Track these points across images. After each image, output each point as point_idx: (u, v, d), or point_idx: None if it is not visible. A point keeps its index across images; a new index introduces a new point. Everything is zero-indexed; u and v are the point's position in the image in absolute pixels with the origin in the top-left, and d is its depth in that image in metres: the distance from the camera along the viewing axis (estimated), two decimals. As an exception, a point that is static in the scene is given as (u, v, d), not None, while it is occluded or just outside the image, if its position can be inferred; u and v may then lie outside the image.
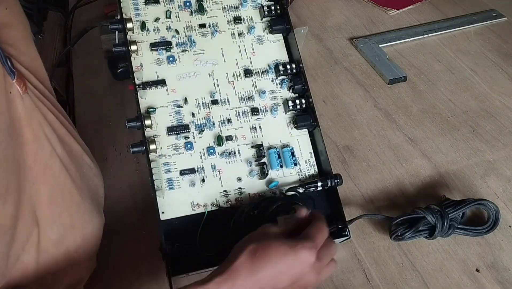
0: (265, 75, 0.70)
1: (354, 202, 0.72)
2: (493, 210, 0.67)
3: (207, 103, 0.67)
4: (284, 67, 0.69)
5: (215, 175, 0.64)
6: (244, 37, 0.71)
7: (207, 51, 0.69)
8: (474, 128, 0.83)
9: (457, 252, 0.66)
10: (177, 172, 0.63)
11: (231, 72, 0.69)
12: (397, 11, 1.11)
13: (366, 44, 1.01)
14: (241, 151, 0.66)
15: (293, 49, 0.72)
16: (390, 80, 0.92)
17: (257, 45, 0.71)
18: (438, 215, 0.65)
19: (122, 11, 0.68)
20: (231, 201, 0.63)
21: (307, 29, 1.06)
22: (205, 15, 0.71)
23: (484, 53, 0.99)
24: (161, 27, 0.69)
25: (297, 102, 0.68)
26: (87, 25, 1.05)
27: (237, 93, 0.68)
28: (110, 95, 0.92)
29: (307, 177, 0.66)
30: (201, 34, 0.70)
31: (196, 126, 0.65)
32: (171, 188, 0.62)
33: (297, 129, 0.68)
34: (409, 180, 0.75)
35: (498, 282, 0.62)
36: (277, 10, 0.72)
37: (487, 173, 0.76)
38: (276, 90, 0.69)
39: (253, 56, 0.70)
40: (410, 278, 0.63)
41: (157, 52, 0.68)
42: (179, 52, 0.68)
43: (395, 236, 0.66)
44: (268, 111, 0.68)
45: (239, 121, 0.67)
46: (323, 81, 0.94)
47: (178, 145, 0.64)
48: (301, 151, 0.67)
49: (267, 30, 0.72)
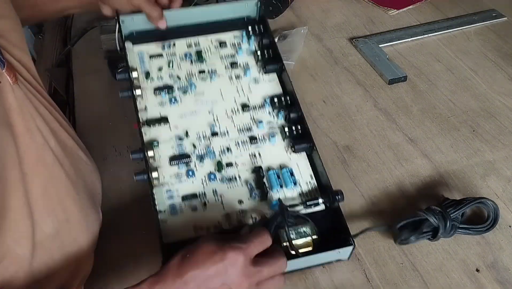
0: (262, 109, 0.74)
1: (354, 202, 0.72)
2: (492, 207, 0.67)
3: (207, 136, 0.71)
4: (279, 100, 0.73)
5: (217, 199, 0.65)
6: (241, 79, 0.77)
7: (206, 93, 0.75)
8: (474, 128, 0.83)
9: (457, 252, 0.66)
10: (179, 198, 0.65)
11: (230, 108, 0.74)
12: (397, 11, 1.11)
13: (366, 44, 1.01)
14: (241, 175, 0.68)
15: (286, 83, 0.76)
16: (390, 80, 0.92)
17: (253, 85, 0.77)
18: (440, 216, 0.64)
19: (129, 63, 0.74)
20: (233, 223, 0.63)
21: (307, 29, 1.06)
22: (204, 64, 0.78)
23: (484, 53, 0.99)
24: (164, 76, 0.76)
25: (293, 129, 0.70)
26: (87, 25, 1.05)
27: (236, 125, 0.72)
28: (110, 95, 0.92)
29: (308, 195, 0.66)
30: (201, 78, 0.76)
31: (197, 156, 0.69)
32: (174, 213, 0.64)
33: (295, 153, 0.70)
34: (409, 180, 0.75)
35: (498, 282, 0.62)
36: (270, 54, 0.78)
37: (487, 173, 0.76)
38: (273, 120, 0.73)
39: (250, 94, 0.75)
40: (410, 278, 0.63)
41: (160, 95, 0.73)
42: (180, 94, 0.74)
43: (400, 240, 0.65)
44: (266, 140, 0.71)
45: (239, 150, 0.70)
46: (323, 81, 0.94)
47: (180, 174, 0.67)
48: (301, 173, 0.68)
49: (261, 71, 0.78)
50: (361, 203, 0.72)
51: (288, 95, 0.74)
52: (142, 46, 0.79)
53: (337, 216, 0.63)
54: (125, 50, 0.76)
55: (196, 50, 0.80)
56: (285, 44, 1.02)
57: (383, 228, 0.68)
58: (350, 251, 0.62)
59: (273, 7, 1.09)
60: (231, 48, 0.81)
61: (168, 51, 0.79)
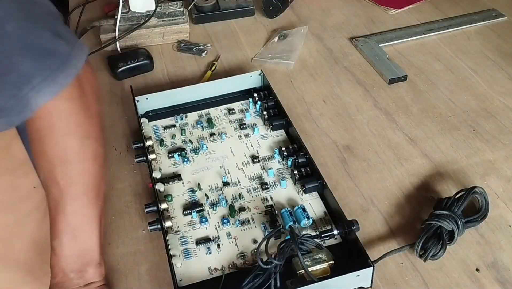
0: (271, 159, 0.77)
1: (354, 202, 0.72)
2: (482, 194, 0.68)
3: (219, 186, 0.73)
4: (287, 148, 0.76)
5: (231, 241, 0.66)
6: (249, 137, 0.81)
7: (217, 152, 0.79)
8: (474, 128, 0.83)
9: (457, 252, 0.66)
10: (193, 243, 0.66)
11: (240, 162, 0.77)
12: (397, 10, 1.11)
13: (366, 43, 1.01)
14: (254, 218, 0.69)
15: (292, 132, 0.79)
16: (390, 79, 0.92)
17: (262, 141, 0.81)
18: (450, 219, 0.64)
19: (143, 133, 0.78)
20: (248, 262, 0.64)
21: (307, 29, 1.06)
22: (215, 128, 0.83)
23: (484, 52, 0.99)
24: (177, 142, 0.81)
25: (303, 171, 0.72)
26: (87, 25, 1.05)
27: (246, 175, 0.75)
28: (110, 95, 0.92)
29: (322, 228, 0.67)
30: (211, 140, 0.81)
31: (210, 204, 0.71)
32: (188, 257, 0.64)
33: (306, 193, 0.71)
34: (409, 180, 0.75)
35: (498, 282, 0.62)
36: (276, 112, 0.82)
37: (487, 172, 0.76)
38: (282, 167, 0.76)
39: (259, 148, 0.79)
40: (410, 278, 0.63)
41: (173, 158, 0.77)
42: (192, 155, 0.78)
43: (431, 257, 0.63)
44: (277, 185, 0.73)
45: (251, 196, 0.72)
46: (323, 80, 0.94)
47: (193, 222, 0.69)
48: (314, 210, 0.69)
49: (269, 129, 0.82)
50: (361, 203, 0.72)
51: (296, 144, 0.77)
52: (157, 121, 0.84)
53: (355, 245, 0.62)
54: (140, 125, 0.80)
55: (206, 118, 0.85)
56: (285, 44, 1.02)
57: (405, 249, 0.65)
58: (370, 274, 0.59)
59: (273, 6, 1.09)
60: (239, 113, 0.85)
61: (181, 122, 0.84)
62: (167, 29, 1.04)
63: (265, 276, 0.58)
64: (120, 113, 0.88)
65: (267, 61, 0.98)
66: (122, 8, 1.00)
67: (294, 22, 1.10)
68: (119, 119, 0.87)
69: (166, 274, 0.63)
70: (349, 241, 0.64)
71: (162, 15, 1.03)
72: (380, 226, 0.69)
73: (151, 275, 0.64)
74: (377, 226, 0.69)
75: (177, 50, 1.03)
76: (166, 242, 0.64)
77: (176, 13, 1.04)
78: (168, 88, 0.87)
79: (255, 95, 0.85)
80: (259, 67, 0.94)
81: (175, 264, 0.62)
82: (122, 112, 0.88)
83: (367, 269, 0.59)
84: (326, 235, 0.64)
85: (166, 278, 0.63)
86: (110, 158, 0.79)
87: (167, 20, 1.04)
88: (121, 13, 1.00)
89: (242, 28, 1.09)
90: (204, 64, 0.99)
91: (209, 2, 1.10)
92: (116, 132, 0.84)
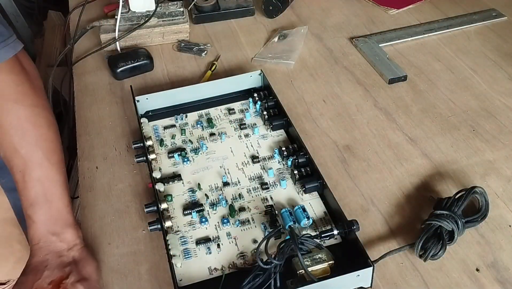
0: (271, 159, 0.77)
1: (354, 202, 0.72)
2: (482, 194, 0.67)
3: (219, 186, 0.73)
4: (287, 148, 0.76)
5: (231, 241, 0.66)
6: (249, 137, 0.81)
7: (217, 152, 0.79)
8: (474, 128, 0.83)
9: (457, 252, 0.66)
10: (193, 243, 0.66)
11: (240, 162, 0.77)
12: (397, 10, 1.11)
13: (366, 43, 1.01)
14: (254, 218, 0.69)
15: (292, 132, 0.79)
16: (390, 79, 0.92)
17: (262, 140, 0.80)
18: (450, 219, 0.64)
19: (143, 133, 0.78)
20: (248, 262, 0.64)
21: (307, 29, 1.06)
22: (215, 128, 0.82)
23: (484, 52, 0.99)
24: (177, 142, 0.80)
25: (303, 171, 0.72)
26: (87, 25, 1.05)
27: (246, 175, 0.75)
28: (110, 95, 0.92)
29: (322, 228, 0.67)
30: (211, 140, 0.80)
31: (210, 204, 0.71)
32: (188, 257, 0.64)
33: (306, 193, 0.71)
34: (409, 180, 0.75)
35: (498, 282, 0.62)
36: (276, 112, 0.82)
37: (487, 172, 0.76)
38: (282, 167, 0.76)
39: (259, 148, 0.79)
40: (410, 278, 0.63)
41: (173, 158, 0.77)
42: (192, 155, 0.78)
43: (431, 257, 0.63)
44: (277, 185, 0.73)
45: (251, 195, 0.72)
46: (323, 80, 0.94)
47: (193, 222, 0.69)
48: (314, 210, 0.69)
49: (269, 129, 0.82)
50: (361, 202, 0.72)
51: (296, 144, 0.77)
52: (157, 121, 0.84)
53: (355, 244, 0.62)
54: (140, 125, 0.80)
55: (206, 118, 0.84)
56: (285, 44, 1.02)
57: (405, 249, 0.65)
58: (370, 274, 0.59)
59: (273, 6, 1.09)
60: (239, 113, 0.85)
61: (181, 122, 0.84)
62: (167, 29, 1.04)
63: (265, 276, 0.58)
64: (120, 113, 0.88)
65: (267, 61, 0.98)
66: (122, 8, 1.00)
67: (294, 22, 1.10)
68: (119, 119, 0.87)
69: (166, 274, 0.63)
70: (349, 241, 0.64)
71: (162, 15, 1.03)
72: (380, 226, 0.69)
73: (151, 275, 0.64)
74: (377, 226, 0.69)
75: (177, 50, 1.03)
76: (166, 242, 0.64)
77: (176, 13, 1.04)
78: (168, 88, 0.87)
79: (255, 95, 0.86)
80: (259, 67, 0.94)
81: (175, 264, 0.62)
82: (122, 112, 0.88)
83: (367, 269, 0.59)
84: (326, 235, 0.64)
85: (166, 278, 0.63)
86: (110, 158, 0.79)
87: (167, 20, 1.04)
88: (121, 13, 1.00)
89: (242, 28, 1.09)
90: (204, 64, 0.99)
91: (209, 2, 1.10)
92: (116, 132, 0.84)
